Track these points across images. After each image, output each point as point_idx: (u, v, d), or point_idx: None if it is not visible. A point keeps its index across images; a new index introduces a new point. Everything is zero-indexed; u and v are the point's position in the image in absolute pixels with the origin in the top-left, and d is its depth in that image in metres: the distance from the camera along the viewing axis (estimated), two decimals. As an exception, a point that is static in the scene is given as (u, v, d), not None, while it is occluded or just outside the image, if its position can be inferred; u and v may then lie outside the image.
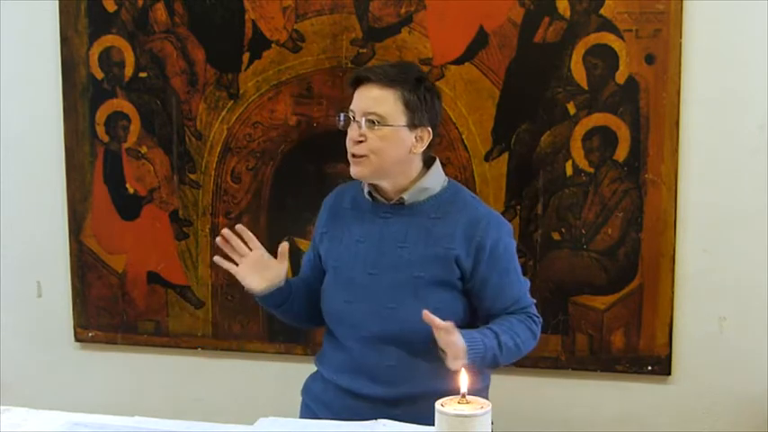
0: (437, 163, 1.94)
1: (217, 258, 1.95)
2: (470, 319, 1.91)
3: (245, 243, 1.94)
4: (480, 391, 1.93)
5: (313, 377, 2.06)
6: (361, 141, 1.86)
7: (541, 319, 1.93)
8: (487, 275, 1.87)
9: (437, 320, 1.72)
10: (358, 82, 1.91)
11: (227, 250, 1.94)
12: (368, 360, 1.90)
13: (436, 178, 1.93)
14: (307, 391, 2.06)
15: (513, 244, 1.93)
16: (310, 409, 2.01)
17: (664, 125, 2.24)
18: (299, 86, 2.43)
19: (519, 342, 1.86)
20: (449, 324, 1.73)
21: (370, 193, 1.94)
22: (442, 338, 1.74)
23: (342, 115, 1.92)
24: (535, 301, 1.94)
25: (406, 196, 1.90)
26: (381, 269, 1.90)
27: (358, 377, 1.91)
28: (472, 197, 1.97)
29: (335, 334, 1.97)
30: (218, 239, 1.94)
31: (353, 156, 1.87)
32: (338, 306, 1.94)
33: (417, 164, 1.91)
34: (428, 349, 1.83)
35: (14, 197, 2.70)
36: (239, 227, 1.94)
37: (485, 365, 1.85)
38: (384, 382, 1.89)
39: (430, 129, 1.89)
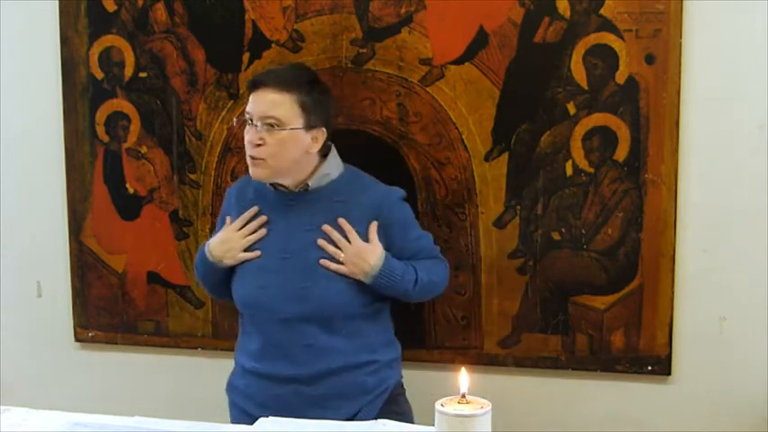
0: (333, 149, 2.09)
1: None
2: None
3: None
4: (392, 362, 2.11)
5: (234, 374, 2.14)
6: (259, 144, 1.96)
7: (442, 255, 2.17)
8: (403, 244, 2.07)
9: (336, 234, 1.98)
10: (255, 86, 1.99)
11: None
12: (286, 341, 2.00)
13: (335, 164, 2.08)
14: (231, 389, 2.14)
15: (409, 207, 2.14)
16: (238, 407, 2.10)
17: (664, 125, 2.23)
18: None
19: (436, 279, 2.11)
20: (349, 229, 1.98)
21: (272, 184, 2.04)
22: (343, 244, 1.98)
23: (235, 120, 2.03)
24: (439, 247, 2.18)
25: (310, 183, 2.03)
26: (292, 252, 2.01)
27: (277, 360, 2.01)
28: (369, 179, 2.11)
29: (251, 321, 2.07)
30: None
31: (252, 158, 1.98)
32: (252, 292, 2.04)
33: (314, 159, 2.04)
34: (344, 325, 2.01)
35: (14, 197, 2.70)
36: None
37: (394, 291, 2.04)
38: (304, 361, 1.99)
39: (324, 129, 2.02)
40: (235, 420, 2.09)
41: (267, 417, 1.71)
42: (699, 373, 2.30)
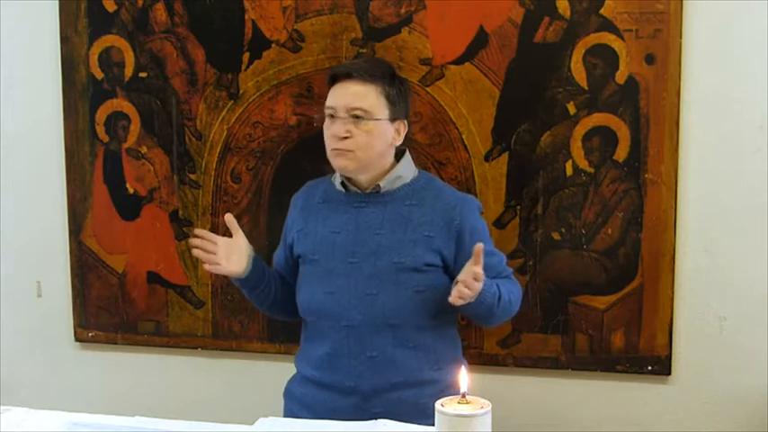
0: (408, 153, 2.04)
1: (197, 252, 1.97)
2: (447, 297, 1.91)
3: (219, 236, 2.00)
4: (435, 381, 1.94)
5: (293, 380, 2.08)
6: (346, 137, 1.90)
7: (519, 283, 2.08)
8: (466, 252, 1.90)
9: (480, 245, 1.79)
10: (336, 79, 1.95)
11: (203, 254, 1.95)
12: (349, 351, 1.92)
13: (408, 167, 2.02)
14: (289, 395, 2.08)
15: (485, 222, 2.06)
16: (293, 414, 2.01)
17: (664, 125, 2.24)
18: (299, 86, 2.43)
19: (513, 299, 1.97)
20: (480, 247, 1.79)
21: (343, 183, 1.99)
22: (469, 268, 1.79)
23: (317, 115, 1.97)
24: (512, 269, 2.07)
25: (382, 184, 1.97)
26: (361, 257, 1.93)
27: (339, 371, 1.93)
28: (444, 184, 2.07)
29: (316, 328, 1.99)
30: (194, 249, 1.97)
31: (338, 150, 1.92)
32: (319, 298, 1.96)
33: (391, 158, 1.99)
34: (410, 336, 1.91)
35: (14, 197, 2.70)
36: (228, 217, 1.98)
37: (482, 310, 1.90)
38: (365, 373, 1.91)
39: (406, 122, 1.99)
40: None
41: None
42: (699, 373, 2.30)
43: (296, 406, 2.02)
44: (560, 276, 2.33)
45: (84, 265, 2.64)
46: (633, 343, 2.31)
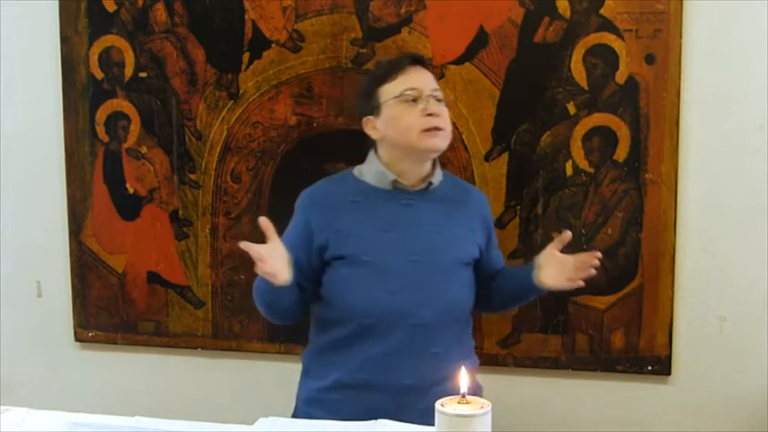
0: None
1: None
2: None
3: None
4: (476, 370, 2.03)
5: (318, 388, 1.97)
6: (440, 115, 1.90)
7: None
8: (492, 246, 2.07)
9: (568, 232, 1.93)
10: (410, 63, 1.95)
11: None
12: (414, 349, 1.88)
13: (439, 168, 2.02)
14: (314, 403, 1.97)
15: None
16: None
17: (664, 125, 2.24)
18: (298, 86, 2.43)
19: None
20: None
21: (394, 182, 1.94)
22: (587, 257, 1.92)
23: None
24: None
25: (434, 180, 1.96)
26: (422, 254, 1.90)
27: (398, 369, 1.88)
28: (461, 180, 2.16)
29: (371, 329, 1.90)
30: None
31: (435, 129, 1.89)
32: (381, 298, 1.88)
33: None
34: (459, 330, 1.97)
35: (14, 197, 2.70)
36: (263, 220, 1.84)
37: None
38: (425, 369, 1.88)
39: None
40: None
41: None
42: (699, 373, 2.30)
43: (323, 413, 1.91)
44: (560, 276, 2.32)
45: (84, 265, 2.64)
46: (633, 343, 2.31)
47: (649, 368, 2.31)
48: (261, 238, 2.49)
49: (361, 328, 1.91)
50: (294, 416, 2.05)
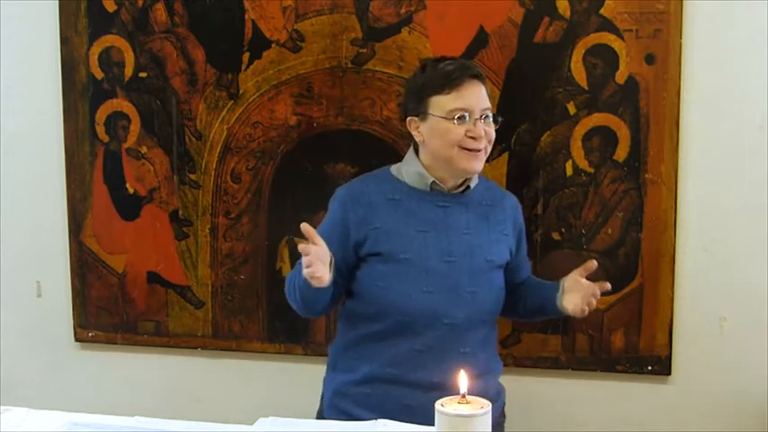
0: None
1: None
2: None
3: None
4: (492, 371, 2.06)
5: (346, 382, 2.00)
6: (482, 137, 1.93)
7: None
8: (521, 251, 2.11)
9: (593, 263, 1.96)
10: (465, 79, 1.92)
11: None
12: (444, 347, 1.93)
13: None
14: (342, 396, 2.01)
15: None
16: (347, 414, 1.97)
17: (664, 125, 2.24)
18: (298, 86, 2.43)
19: None
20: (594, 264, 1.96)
21: (433, 183, 1.97)
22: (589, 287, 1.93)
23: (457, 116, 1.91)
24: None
25: (472, 184, 2.01)
26: (457, 256, 1.95)
27: (428, 366, 1.92)
28: (493, 182, 2.17)
29: (404, 326, 1.94)
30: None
31: (476, 151, 1.92)
32: (417, 297, 1.92)
33: None
34: (491, 332, 2.02)
35: (14, 197, 2.70)
36: (305, 227, 1.79)
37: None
38: (455, 368, 1.86)
39: None
40: None
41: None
42: (699, 373, 2.30)
43: (350, 406, 1.97)
44: (560, 276, 2.29)
45: (84, 265, 2.64)
46: (633, 343, 2.31)
47: (649, 368, 2.31)
48: (260, 239, 2.50)
49: (395, 324, 1.95)
50: (320, 411, 2.07)
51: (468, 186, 2.00)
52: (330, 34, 2.39)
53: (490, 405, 1.32)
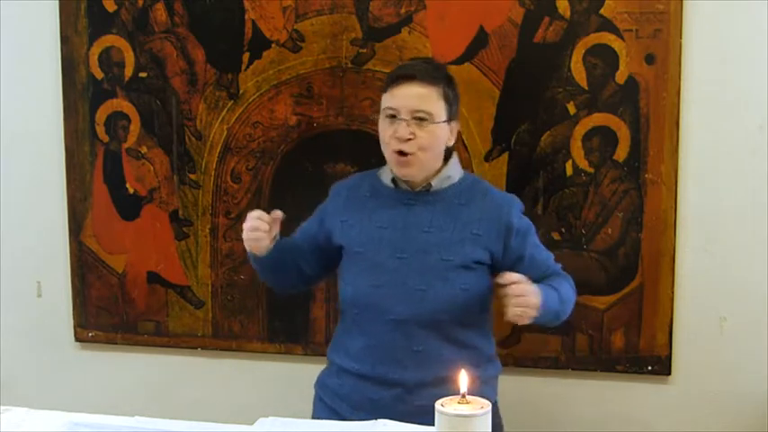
0: (455, 154, 2.04)
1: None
2: (491, 297, 2.01)
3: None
4: (491, 379, 2.03)
5: (327, 372, 2.08)
6: (409, 139, 1.91)
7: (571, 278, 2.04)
8: (521, 251, 1.98)
9: (512, 275, 1.83)
10: (399, 80, 1.94)
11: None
12: (394, 344, 1.94)
13: (456, 167, 2.03)
14: (321, 386, 2.09)
15: (528, 220, 2.05)
16: (326, 405, 2.04)
17: (664, 125, 2.24)
18: (298, 86, 2.43)
19: (569, 294, 1.99)
20: (520, 276, 1.83)
21: (393, 180, 2.00)
22: (514, 290, 1.81)
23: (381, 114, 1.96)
24: (561, 264, 2.04)
25: (433, 183, 1.98)
26: (410, 253, 1.95)
27: (382, 363, 1.94)
28: (490, 185, 2.08)
29: (358, 320, 1.99)
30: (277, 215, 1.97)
31: (401, 153, 1.92)
32: (364, 290, 1.97)
33: (441, 158, 2.00)
34: (455, 333, 1.95)
35: (14, 197, 2.70)
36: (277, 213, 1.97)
37: (548, 318, 1.93)
38: (410, 366, 1.93)
39: (457, 122, 2.01)
40: (317, 416, 2.04)
41: (362, 419, 1.66)
42: (699, 373, 2.30)
43: (328, 396, 2.04)
44: (560, 276, 2.32)
45: (84, 265, 2.64)
46: (633, 343, 2.31)
47: (649, 368, 2.31)
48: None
49: (351, 318, 2.02)
50: (314, 401, 2.12)
51: (431, 185, 1.98)
52: (330, 34, 2.39)
53: (490, 405, 1.32)
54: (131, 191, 2.58)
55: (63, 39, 2.58)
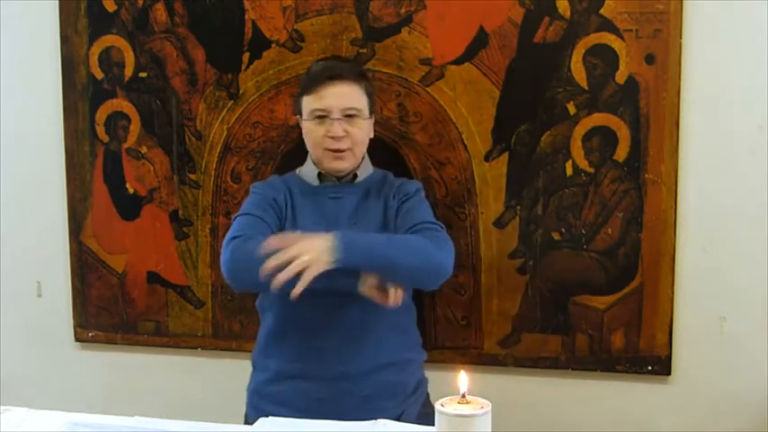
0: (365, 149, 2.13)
1: None
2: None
3: None
4: (423, 363, 2.12)
5: (260, 382, 2.08)
6: (343, 137, 1.99)
7: (444, 231, 1.99)
8: (400, 208, 2.02)
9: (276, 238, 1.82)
10: (326, 81, 2.01)
11: None
12: (337, 337, 1.96)
13: (369, 162, 2.14)
14: (258, 395, 2.07)
15: (424, 198, 2.11)
16: (267, 414, 1.90)
17: (664, 125, 2.24)
18: (299, 86, 2.42)
19: (412, 243, 1.90)
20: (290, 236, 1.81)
21: (319, 176, 2.06)
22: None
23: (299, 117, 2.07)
24: (442, 225, 2.01)
25: (359, 172, 2.08)
26: None
27: (325, 359, 1.96)
28: (395, 177, 2.16)
29: (296, 317, 1.98)
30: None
31: (338, 151, 2.00)
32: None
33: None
34: (392, 318, 1.96)
35: (14, 197, 2.71)
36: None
37: (370, 261, 1.83)
38: (353, 356, 1.96)
39: (374, 114, 2.11)
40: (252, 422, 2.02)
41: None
42: (699, 373, 2.30)
43: (269, 406, 1.99)
44: (560, 276, 2.33)
45: (84, 265, 2.64)
46: (633, 343, 2.31)
47: (649, 368, 2.31)
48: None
49: (287, 315, 2.00)
50: (246, 408, 2.12)
51: (356, 174, 2.07)
52: (330, 34, 2.39)
53: (490, 405, 1.32)
54: (131, 191, 2.58)
55: (63, 39, 2.58)
